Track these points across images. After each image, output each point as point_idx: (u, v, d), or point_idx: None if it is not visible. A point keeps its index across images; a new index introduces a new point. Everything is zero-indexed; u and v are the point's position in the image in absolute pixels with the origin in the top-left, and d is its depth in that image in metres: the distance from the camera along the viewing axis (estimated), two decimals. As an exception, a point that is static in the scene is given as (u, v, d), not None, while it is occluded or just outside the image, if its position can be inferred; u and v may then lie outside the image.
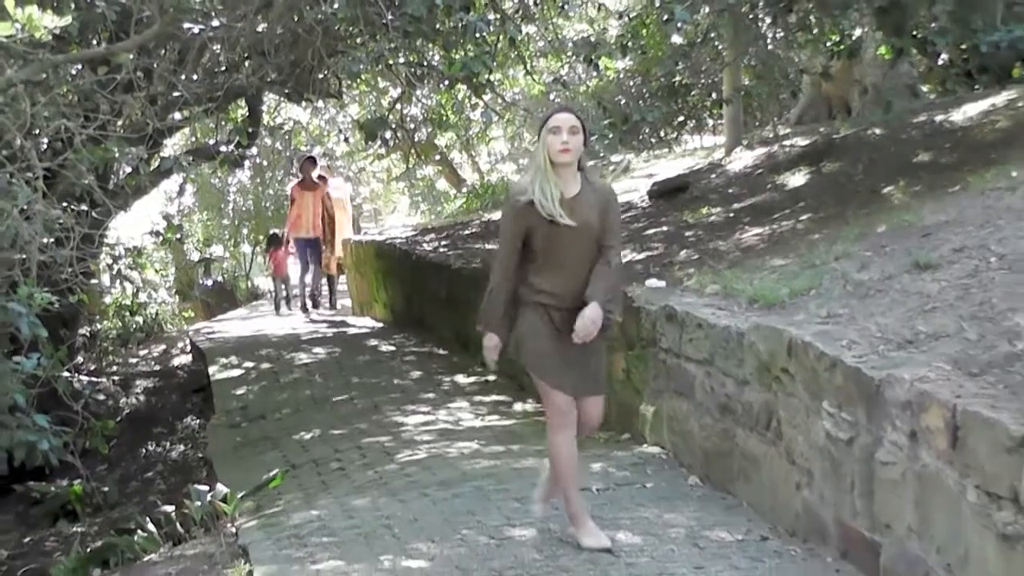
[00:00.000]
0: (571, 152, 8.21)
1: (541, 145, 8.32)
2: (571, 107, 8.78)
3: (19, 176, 11.35)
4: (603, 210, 8.49)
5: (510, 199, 8.67)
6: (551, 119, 8.31)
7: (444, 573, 8.78)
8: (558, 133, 8.16)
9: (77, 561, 11.43)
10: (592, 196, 8.47)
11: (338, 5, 14.33)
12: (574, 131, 8.18)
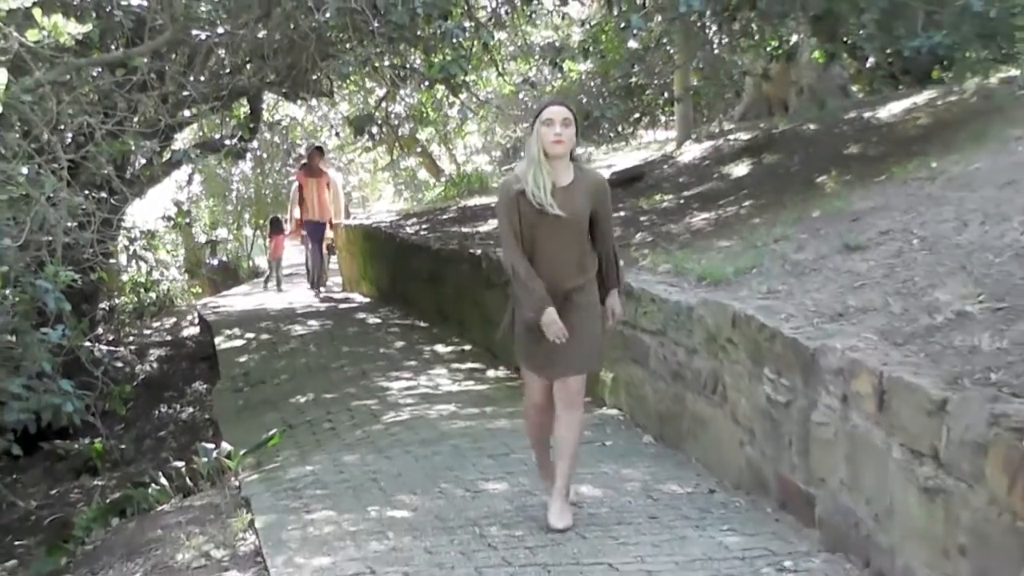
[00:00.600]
0: (564, 143, 7.92)
1: (535, 136, 7.97)
2: (563, 100, 8.24)
3: (46, 167, 11.32)
4: (595, 199, 8.21)
5: (504, 187, 8.31)
6: (544, 111, 8.00)
7: (425, 522, 8.78)
8: (551, 125, 7.86)
9: (98, 511, 11.40)
10: (583, 186, 8.15)
11: (329, 14, 14.25)
12: (567, 123, 7.89)
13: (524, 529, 8.50)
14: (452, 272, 18.01)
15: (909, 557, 6.74)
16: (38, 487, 13.70)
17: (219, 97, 18.97)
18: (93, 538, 10.66)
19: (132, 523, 10.64)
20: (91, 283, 14.86)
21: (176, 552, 8.82)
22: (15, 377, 11.29)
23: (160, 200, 30.17)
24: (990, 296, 7.75)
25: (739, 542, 8.02)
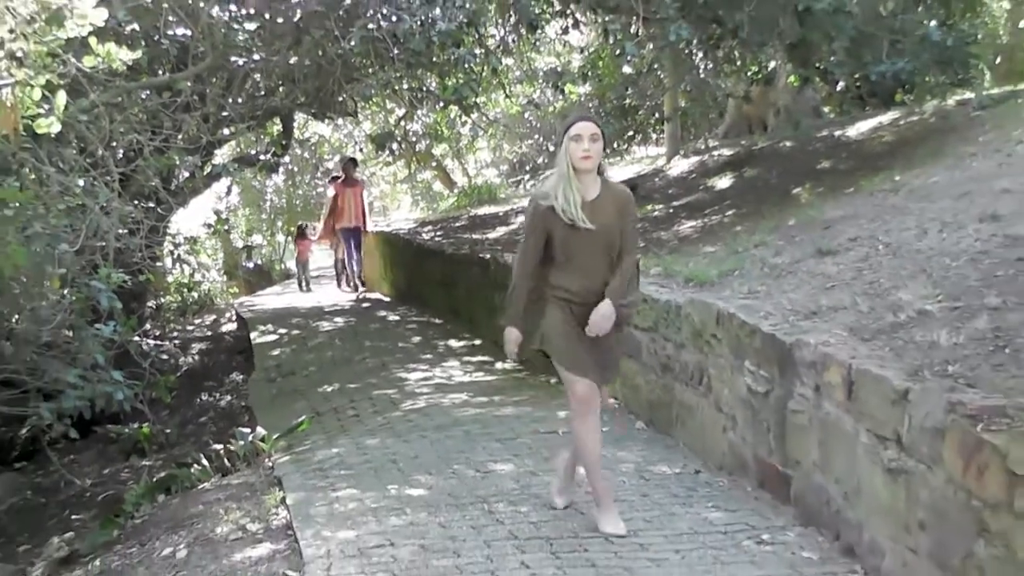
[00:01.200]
0: (592, 159, 7.40)
1: (563, 152, 7.46)
2: (591, 115, 7.89)
3: (100, 179, 11.35)
4: (621, 213, 7.61)
5: (533, 202, 7.72)
6: (573, 127, 7.46)
7: (439, 499, 8.79)
8: (580, 141, 7.35)
9: (146, 488, 11.42)
10: (611, 199, 7.60)
11: (354, 42, 14.28)
12: (595, 138, 7.39)
13: (529, 506, 8.51)
14: (464, 274, 18.02)
15: (875, 531, 6.76)
16: (92, 467, 13.71)
17: (255, 116, 19.07)
18: (141, 513, 10.68)
19: (176, 499, 10.66)
20: (140, 284, 14.89)
21: (215, 525, 8.83)
22: (72, 368, 11.33)
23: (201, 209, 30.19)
24: (948, 296, 7.76)
25: (722, 518, 8.03)
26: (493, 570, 7.19)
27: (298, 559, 7.66)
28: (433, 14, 14.28)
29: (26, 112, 7.88)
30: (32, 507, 12.89)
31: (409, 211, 42.93)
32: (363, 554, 7.61)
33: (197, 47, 14.50)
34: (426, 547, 7.68)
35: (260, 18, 15.18)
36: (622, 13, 16.11)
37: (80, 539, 10.90)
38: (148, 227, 13.17)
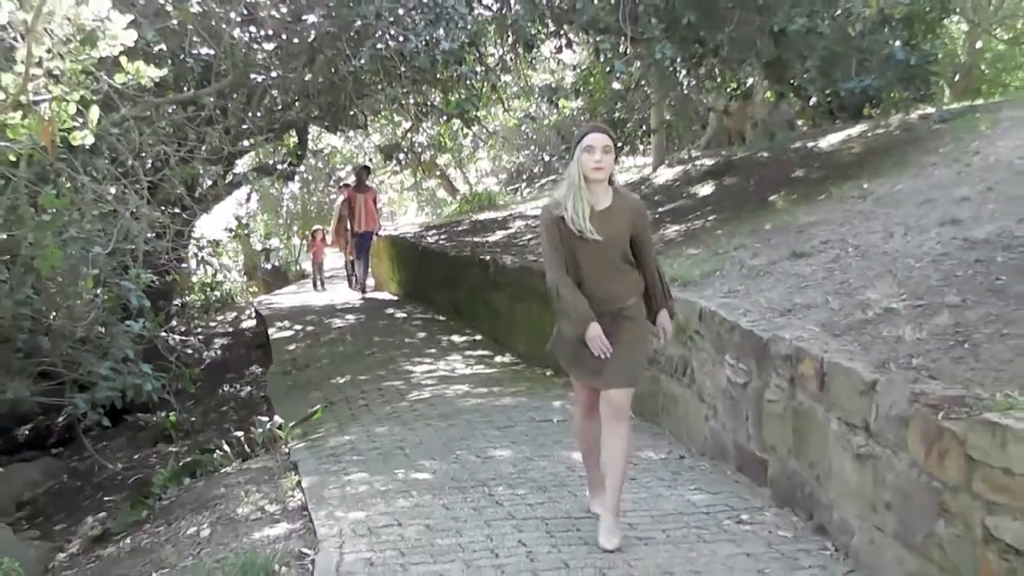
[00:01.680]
0: (604, 170, 6.93)
1: (575, 162, 6.98)
2: (604, 127, 7.19)
3: (130, 187, 11.37)
4: (633, 222, 7.15)
5: (546, 211, 7.21)
6: (586, 138, 6.98)
7: (443, 483, 8.79)
8: (592, 152, 6.88)
9: (172, 472, 11.43)
10: (622, 209, 7.10)
11: (364, 60, 14.28)
12: (607, 150, 6.93)
13: (525, 488, 8.52)
14: (465, 275, 18.02)
15: (844, 511, 6.78)
16: (123, 452, 13.71)
17: (272, 129, 19.09)
18: (168, 495, 10.68)
19: (200, 482, 10.66)
20: (166, 284, 14.99)
21: (237, 506, 8.84)
22: (104, 361, 11.36)
23: (223, 215, 30.24)
24: (911, 295, 7.77)
25: (704, 499, 8.04)
26: (493, 548, 7.20)
27: (313, 537, 7.67)
28: (437, 34, 14.28)
29: (62, 125, 7.89)
30: (68, 489, 12.90)
31: (415, 216, 42.97)
32: (373, 533, 7.62)
33: (219, 65, 14.52)
34: (431, 527, 7.69)
35: (277, 39, 15.20)
36: (612, 33, 16.10)
37: (112, 519, 10.91)
38: (174, 231, 13.23)
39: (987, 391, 5.76)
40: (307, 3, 14.28)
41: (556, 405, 11.52)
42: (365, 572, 6.86)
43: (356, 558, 7.13)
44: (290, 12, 14.54)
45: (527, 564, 6.87)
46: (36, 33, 6.93)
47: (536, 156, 35.09)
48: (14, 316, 10.70)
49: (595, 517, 7.70)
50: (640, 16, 14.61)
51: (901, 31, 14.44)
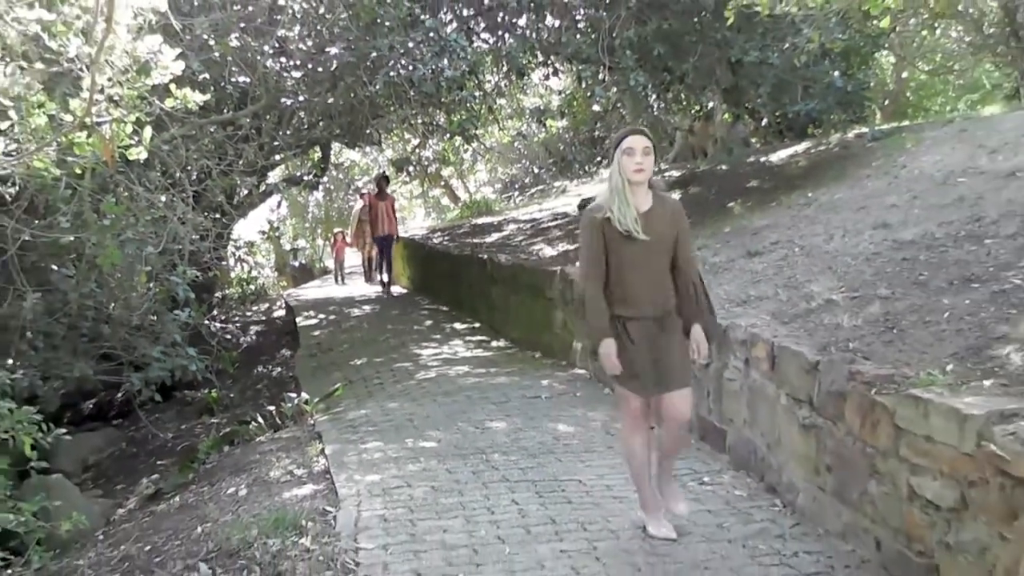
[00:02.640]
0: (644, 172, 6.09)
1: (616, 165, 6.16)
2: (643, 129, 6.34)
3: (178, 196, 11.37)
4: (674, 224, 6.27)
5: (588, 216, 6.30)
6: (625, 140, 6.15)
7: (446, 450, 8.82)
8: (632, 154, 6.05)
9: (214, 441, 11.44)
10: (663, 211, 6.24)
11: (379, 86, 14.30)
12: (647, 152, 6.09)
13: (518, 455, 8.54)
14: (466, 271, 18.02)
15: (791, 473, 6.80)
16: (172, 424, 13.72)
17: (300, 145, 19.12)
18: (211, 460, 10.69)
19: (238, 449, 10.67)
20: (209, 279, 15.04)
21: (269, 470, 8.85)
22: (156, 345, 11.41)
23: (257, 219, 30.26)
24: (848, 288, 7.80)
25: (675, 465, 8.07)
26: (489, 507, 7.22)
27: (334, 497, 7.69)
28: (442, 64, 14.28)
29: (121, 143, 7.89)
30: (126, 455, 12.91)
31: (422, 221, 42.86)
32: (386, 493, 7.64)
33: (254, 91, 14.53)
34: (436, 488, 7.71)
35: (304, 68, 15.20)
36: (592, 63, 16.13)
37: (163, 480, 10.93)
38: (215, 234, 13.26)
39: (912, 370, 5.79)
40: (330, 37, 14.29)
41: (544, 383, 11.52)
42: (379, 527, 6.88)
43: (372, 515, 7.16)
44: (315, 45, 14.55)
45: (519, 520, 6.90)
46: (99, 65, 6.94)
47: (527, 169, 35.04)
48: (80, 306, 10.72)
49: (579, 480, 7.72)
50: (616, 49, 14.66)
51: (839, 63, 14.50)
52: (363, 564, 6.21)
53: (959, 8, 21.72)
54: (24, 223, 9.24)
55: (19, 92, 7.75)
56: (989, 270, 7.18)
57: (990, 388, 5.27)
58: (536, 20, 16.45)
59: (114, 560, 7.07)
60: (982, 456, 4.75)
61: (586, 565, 6.04)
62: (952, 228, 8.50)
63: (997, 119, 12.43)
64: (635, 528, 6.67)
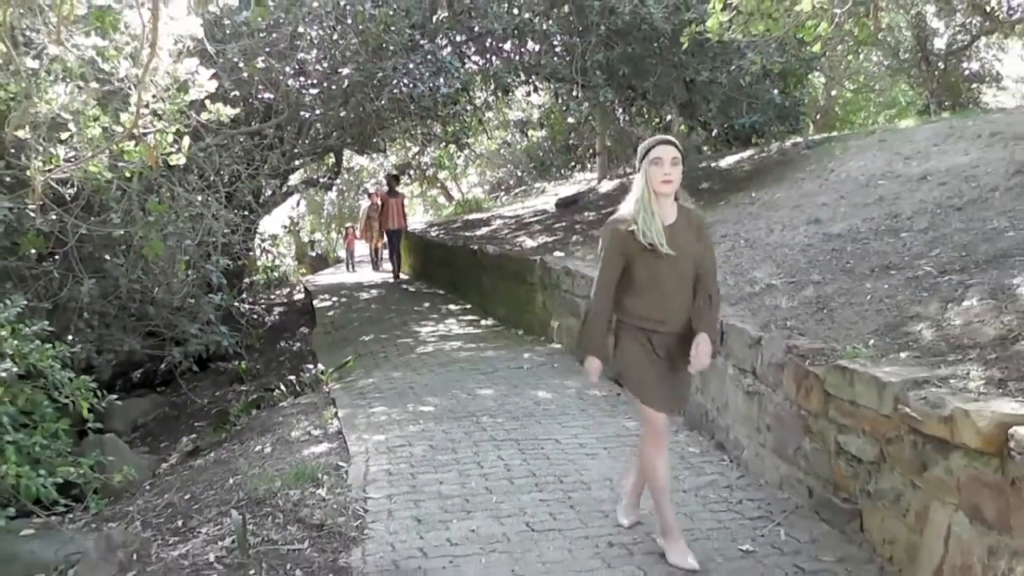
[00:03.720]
0: (672, 184, 5.19)
1: (642, 176, 5.23)
2: (672, 139, 5.41)
3: (212, 196, 11.35)
4: (699, 238, 5.36)
5: (611, 227, 5.34)
6: (653, 150, 5.23)
7: (442, 414, 8.82)
8: (660, 164, 5.14)
9: (244, 405, 11.42)
10: (688, 224, 5.35)
11: (384, 101, 14.30)
12: (675, 162, 5.18)
13: (503, 418, 8.55)
14: (458, 259, 18.02)
15: (737, 433, 6.84)
16: (208, 391, 13.68)
17: (316, 152, 19.08)
18: (241, 422, 10.68)
19: (264, 413, 10.65)
20: (238, 267, 15.06)
21: (290, 431, 8.84)
22: (194, 324, 11.42)
23: (280, 216, 30.16)
24: (786, 274, 7.83)
25: (635, 426, 8.05)
26: (479, 462, 7.23)
27: (346, 454, 7.69)
28: (438, 82, 14.28)
29: (163, 151, 7.88)
30: (169, 417, 12.88)
31: (421, 217, 42.77)
32: (390, 451, 7.65)
33: (278, 106, 14.51)
34: (433, 446, 7.72)
35: (320, 86, 15.16)
36: (567, 82, 16.16)
37: (200, 439, 10.92)
38: (244, 228, 13.29)
39: (840, 344, 5.82)
40: (342, 60, 14.24)
41: (526, 356, 11.52)
42: (385, 480, 6.90)
43: (378, 469, 7.17)
44: (329, 67, 14.49)
45: (504, 473, 6.92)
46: (145, 84, 6.92)
47: (512, 172, 35.01)
48: (129, 291, 10.71)
49: (556, 440, 7.74)
50: (588, 70, 14.68)
51: (778, 82, 14.54)
52: (371, 511, 6.23)
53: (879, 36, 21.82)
54: (81, 219, 9.24)
55: (78, 107, 7.76)
56: (904, 259, 7.21)
57: (905, 359, 5.30)
58: (519, 45, 16.44)
59: (159, 507, 7.07)
60: (898, 417, 4.78)
61: (561, 512, 6.07)
62: (873, 223, 8.54)
63: (911, 131, 12.46)
64: (603, 479, 6.70)
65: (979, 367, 4.84)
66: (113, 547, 5.90)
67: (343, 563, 5.39)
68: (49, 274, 10.04)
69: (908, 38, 22.57)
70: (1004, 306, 5.51)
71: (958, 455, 4.32)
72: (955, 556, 4.36)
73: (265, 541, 5.70)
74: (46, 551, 6.09)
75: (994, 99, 23.66)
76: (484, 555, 5.42)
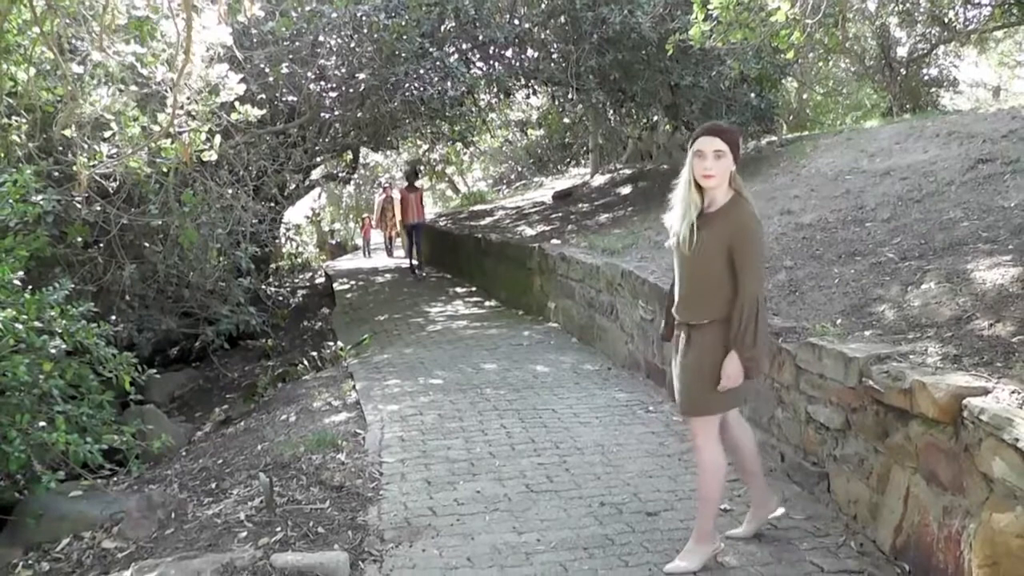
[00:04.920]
0: (715, 178, 4.39)
1: (687, 167, 4.49)
2: (721, 126, 4.62)
3: (241, 190, 11.35)
4: (729, 239, 4.34)
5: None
6: (696, 142, 4.46)
7: (449, 386, 8.84)
8: (703, 157, 4.39)
9: (270, 378, 11.43)
10: (720, 222, 4.38)
11: (396, 104, 14.25)
12: (719, 155, 4.38)
13: (505, 389, 8.57)
14: (464, 246, 18.01)
15: (716, 404, 6.84)
16: (238, 366, 13.68)
17: (335, 150, 19.10)
18: (268, 394, 10.69)
19: (288, 385, 10.67)
20: (265, 253, 15.07)
21: (312, 402, 8.86)
22: (225, 305, 11.42)
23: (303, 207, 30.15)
24: (761, 261, 7.83)
25: (625, 396, 8.10)
26: (483, 429, 7.25)
27: (363, 422, 7.71)
28: (445, 86, 14.26)
29: (196, 148, 7.88)
30: (203, 390, 12.90)
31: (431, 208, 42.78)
32: (403, 419, 7.66)
33: (300, 107, 14.50)
34: (442, 415, 7.73)
35: (339, 90, 15.13)
36: (563, 85, 16.12)
37: (232, 409, 10.93)
38: (270, 219, 13.31)
39: (810, 323, 5.83)
40: (359, 66, 14.20)
41: (526, 334, 11.53)
42: (398, 445, 6.92)
43: (392, 436, 7.19)
44: (347, 72, 14.44)
45: (506, 440, 6.94)
46: (180, 87, 6.92)
47: (512, 167, 34.97)
48: (166, 275, 10.72)
49: (552, 410, 7.76)
50: (582, 74, 14.67)
51: (755, 86, 14.49)
52: (386, 474, 6.25)
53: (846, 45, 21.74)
54: (123, 210, 9.25)
55: (119, 109, 7.78)
56: (869, 247, 7.22)
57: (869, 337, 5.31)
58: (519, 52, 16.39)
59: (194, 471, 7.09)
60: (862, 389, 4.80)
61: (558, 475, 6.09)
62: (840, 214, 8.54)
63: (875, 131, 12.44)
64: (595, 445, 6.72)
65: (936, 344, 4.86)
66: (153, 506, 5.94)
67: (360, 521, 5.42)
68: (94, 260, 10.07)
69: (873, 46, 22.51)
70: (959, 289, 5.53)
71: (916, 423, 4.34)
72: (913, 514, 4.38)
73: (290, 501, 5.72)
74: (93, 510, 6.15)
75: (951, 102, 23.63)
76: (488, 513, 5.44)
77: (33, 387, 6.01)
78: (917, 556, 4.33)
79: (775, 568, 4.54)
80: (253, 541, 5.11)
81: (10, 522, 6.27)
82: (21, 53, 7.84)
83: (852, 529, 4.92)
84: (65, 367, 6.33)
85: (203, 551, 5.04)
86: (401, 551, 4.95)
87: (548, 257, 12.17)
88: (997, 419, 3.73)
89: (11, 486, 6.34)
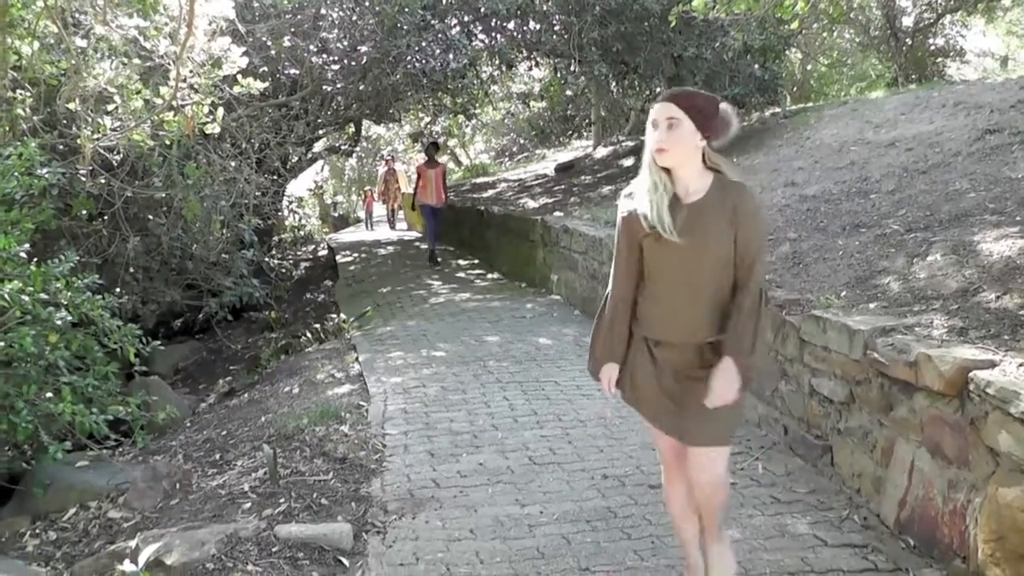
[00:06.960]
0: (667, 152, 3.34)
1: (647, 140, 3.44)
2: (674, 91, 3.43)
3: (244, 162, 11.32)
4: (735, 222, 3.34)
5: (620, 206, 3.66)
6: (651, 111, 3.43)
7: (452, 358, 8.83)
8: (655, 126, 3.36)
9: (274, 351, 11.45)
10: (720, 204, 3.36)
11: (399, 76, 14.24)
12: (672, 124, 3.31)
13: (508, 362, 8.55)
14: (466, 219, 17.97)
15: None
16: (241, 338, 13.70)
17: (338, 122, 19.02)
18: (271, 366, 10.70)
19: (292, 358, 10.67)
20: (268, 226, 15.00)
21: (315, 374, 8.86)
22: (228, 277, 11.40)
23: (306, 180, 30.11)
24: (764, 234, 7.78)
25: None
26: (486, 401, 7.25)
27: (366, 394, 7.70)
28: (448, 58, 14.25)
29: (199, 121, 7.86)
30: (207, 362, 12.91)
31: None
32: (406, 392, 7.66)
33: (302, 80, 14.45)
34: (445, 387, 7.73)
35: (341, 62, 15.08)
36: (565, 57, 16.06)
37: (235, 381, 10.95)
38: (273, 191, 13.29)
39: (814, 296, 5.80)
40: (361, 39, 14.16)
41: (528, 307, 11.51)
42: (401, 417, 6.91)
43: (395, 408, 7.18)
44: (349, 45, 14.41)
45: (508, 411, 6.93)
46: (183, 60, 6.89)
47: (515, 140, 34.91)
48: (170, 247, 10.71)
49: (555, 382, 7.74)
50: (584, 46, 14.60)
51: (758, 57, 14.43)
52: (389, 446, 6.25)
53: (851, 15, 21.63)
54: (127, 183, 9.23)
55: (122, 82, 7.74)
56: (873, 218, 7.17)
57: (873, 309, 5.28)
58: (521, 24, 16.31)
59: (199, 442, 7.10)
60: (866, 362, 4.77)
61: (560, 447, 6.08)
62: (845, 186, 8.48)
63: (880, 101, 12.36)
64: (598, 418, 6.71)
65: (942, 316, 4.82)
66: (158, 477, 5.95)
67: (364, 492, 5.41)
68: (98, 232, 10.07)
69: (878, 16, 22.35)
70: (965, 261, 5.49)
71: (921, 396, 4.31)
72: (918, 488, 4.36)
73: (294, 472, 5.72)
74: (99, 480, 6.17)
75: (957, 72, 23.46)
76: (491, 485, 5.44)
77: (39, 358, 6.02)
78: (921, 530, 4.32)
79: (778, 541, 4.53)
80: (257, 512, 5.11)
81: (17, 492, 6.31)
82: (25, 27, 7.80)
83: (855, 503, 4.91)
84: (71, 339, 6.33)
85: (207, 522, 5.04)
86: (404, 523, 4.95)
87: (551, 229, 12.13)
88: (1004, 392, 3.70)
89: (18, 456, 6.38)
